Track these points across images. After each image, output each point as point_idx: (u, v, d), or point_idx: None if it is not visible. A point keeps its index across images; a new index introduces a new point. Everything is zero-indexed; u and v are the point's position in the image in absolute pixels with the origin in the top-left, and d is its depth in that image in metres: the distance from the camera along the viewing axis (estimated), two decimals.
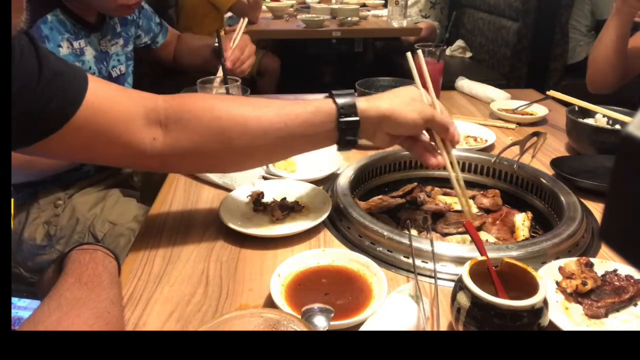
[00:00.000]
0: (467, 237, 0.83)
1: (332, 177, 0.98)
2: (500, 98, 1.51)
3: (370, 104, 0.75)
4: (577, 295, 0.66)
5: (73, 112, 0.65)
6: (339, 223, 0.84)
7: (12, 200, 1.17)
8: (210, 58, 1.44)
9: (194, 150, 0.73)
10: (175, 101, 0.75)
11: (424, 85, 0.84)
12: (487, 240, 0.83)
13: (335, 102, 0.74)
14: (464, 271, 0.57)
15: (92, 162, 1.00)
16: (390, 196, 0.98)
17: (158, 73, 2.14)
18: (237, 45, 1.34)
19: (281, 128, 0.73)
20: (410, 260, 0.73)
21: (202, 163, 0.79)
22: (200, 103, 0.74)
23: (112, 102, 0.70)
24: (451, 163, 0.82)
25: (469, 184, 1.04)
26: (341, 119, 0.74)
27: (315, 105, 0.75)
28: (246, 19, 1.46)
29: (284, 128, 0.73)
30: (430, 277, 0.70)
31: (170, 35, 1.53)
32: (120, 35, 1.28)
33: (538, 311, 0.54)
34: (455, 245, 0.76)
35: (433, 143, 0.83)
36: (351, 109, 0.74)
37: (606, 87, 1.40)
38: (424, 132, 0.82)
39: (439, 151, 0.82)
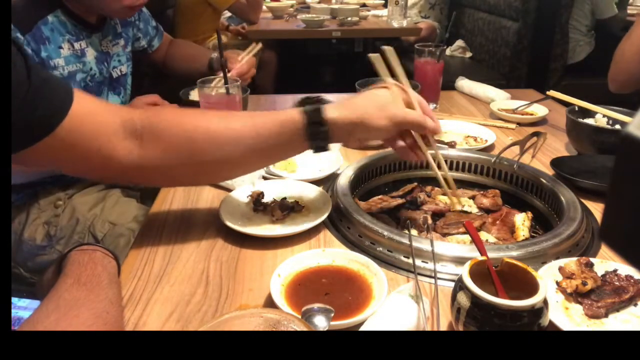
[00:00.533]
0: (467, 237, 0.83)
1: (332, 177, 0.98)
2: (500, 98, 1.51)
3: (340, 112, 0.74)
4: (577, 295, 0.66)
5: (58, 121, 0.65)
6: (339, 223, 0.84)
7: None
8: (205, 71, 1.44)
9: (169, 162, 0.74)
10: (149, 113, 0.75)
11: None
12: (487, 240, 0.83)
13: (304, 112, 0.74)
14: (464, 271, 0.57)
15: (71, 173, 0.93)
16: (390, 196, 0.98)
17: (157, 73, 2.14)
18: (246, 62, 1.36)
19: (252, 137, 0.73)
20: (410, 260, 0.73)
21: (178, 175, 0.79)
22: (171, 115, 0.75)
23: (94, 114, 0.70)
24: (435, 158, 0.81)
25: (469, 184, 1.04)
26: (310, 130, 0.73)
27: (285, 115, 0.74)
28: (260, 44, 1.46)
29: (255, 137, 0.73)
30: (430, 277, 0.70)
31: (164, 39, 1.53)
32: (121, 35, 1.28)
33: (538, 311, 0.54)
34: (455, 245, 0.76)
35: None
36: (318, 118, 0.73)
37: (629, 84, 1.34)
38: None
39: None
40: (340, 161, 1.05)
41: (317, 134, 0.74)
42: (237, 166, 0.80)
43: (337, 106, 0.76)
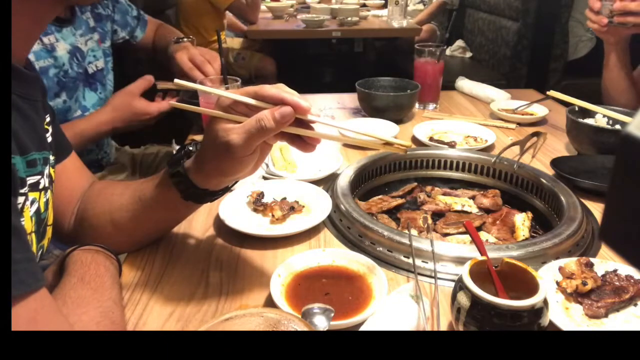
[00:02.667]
0: (467, 237, 0.83)
1: (332, 177, 0.98)
2: (500, 98, 1.51)
3: (199, 176, 0.67)
4: (577, 295, 0.66)
5: (56, 163, 0.70)
6: (339, 223, 0.84)
7: None
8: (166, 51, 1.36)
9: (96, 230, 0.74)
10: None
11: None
12: (487, 240, 0.83)
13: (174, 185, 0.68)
14: (464, 271, 0.57)
15: None
16: (390, 196, 0.98)
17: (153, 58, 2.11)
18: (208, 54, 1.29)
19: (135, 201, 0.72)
20: (410, 260, 0.73)
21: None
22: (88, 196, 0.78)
23: (75, 177, 0.77)
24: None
25: (469, 184, 1.04)
26: (170, 170, 0.68)
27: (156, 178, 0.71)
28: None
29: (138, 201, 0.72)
30: (430, 277, 0.70)
31: (151, 25, 1.48)
32: (95, 30, 1.26)
33: (538, 311, 0.54)
34: (455, 245, 0.76)
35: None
36: (177, 161, 0.68)
37: (628, 106, 1.36)
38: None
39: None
40: (340, 161, 1.05)
41: (176, 173, 0.67)
42: (144, 229, 0.76)
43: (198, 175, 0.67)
